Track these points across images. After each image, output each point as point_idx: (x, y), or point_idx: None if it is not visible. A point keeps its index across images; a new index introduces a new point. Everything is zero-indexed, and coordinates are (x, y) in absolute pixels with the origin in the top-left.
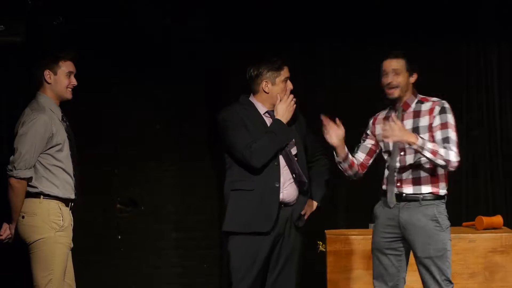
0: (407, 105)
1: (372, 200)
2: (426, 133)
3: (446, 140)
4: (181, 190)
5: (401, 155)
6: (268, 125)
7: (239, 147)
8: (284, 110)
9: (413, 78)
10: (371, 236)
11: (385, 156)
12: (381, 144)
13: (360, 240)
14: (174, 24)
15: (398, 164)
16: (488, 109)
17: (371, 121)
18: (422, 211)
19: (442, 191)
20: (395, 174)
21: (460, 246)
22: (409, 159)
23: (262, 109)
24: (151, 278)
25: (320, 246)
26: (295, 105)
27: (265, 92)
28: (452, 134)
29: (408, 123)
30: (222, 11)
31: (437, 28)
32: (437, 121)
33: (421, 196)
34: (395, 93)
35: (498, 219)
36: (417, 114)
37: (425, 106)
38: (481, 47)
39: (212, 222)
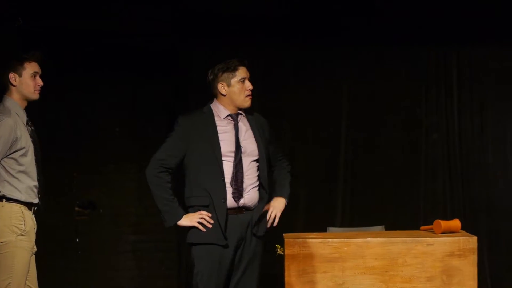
0: None
1: (330, 203)
2: None
3: None
4: (140, 193)
5: None
6: (220, 132)
7: (156, 155)
8: (187, 222)
9: None
10: (329, 239)
11: None
12: None
13: (318, 243)
14: (135, 25)
15: None
16: (447, 113)
17: None
18: None
19: None
20: None
21: (418, 250)
22: None
23: (224, 113)
24: (109, 281)
25: (278, 250)
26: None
27: (222, 94)
28: None
29: None
30: (186, 12)
31: (398, 32)
32: None
33: None
34: None
35: (456, 223)
36: None
37: None
38: (441, 51)
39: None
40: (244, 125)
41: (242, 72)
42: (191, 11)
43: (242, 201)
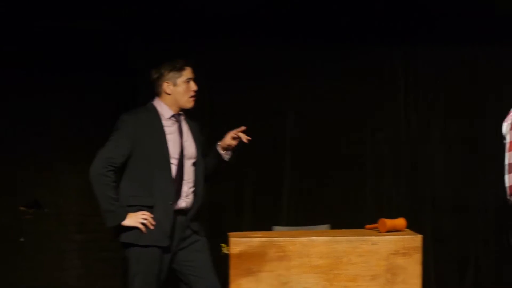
0: None
1: (275, 202)
2: None
3: None
4: (86, 192)
5: None
6: (167, 133)
7: (103, 153)
8: (131, 222)
9: None
10: (275, 238)
11: None
12: None
13: (263, 242)
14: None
15: None
16: (393, 111)
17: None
18: None
19: None
20: None
21: (362, 249)
22: None
23: (168, 112)
24: (55, 280)
25: (223, 249)
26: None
27: (167, 93)
28: None
29: None
30: (133, 12)
31: (347, 31)
32: None
33: None
34: None
35: (401, 221)
36: None
37: None
38: (387, 50)
39: None
40: (184, 126)
41: (188, 72)
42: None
43: (182, 204)
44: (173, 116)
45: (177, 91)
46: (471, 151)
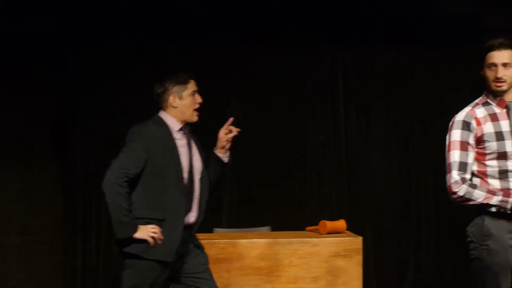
0: None
1: (216, 205)
2: None
3: None
4: (27, 194)
5: None
6: (179, 147)
7: (120, 163)
8: (142, 235)
9: None
10: (215, 240)
11: (493, 161)
12: (492, 145)
13: (205, 244)
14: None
15: None
16: (334, 114)
17: (473, 122)
18: None
19: None
20: None
21: (303, 250)
22: None
23: (176, 125)
24: None
25: None
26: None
27: (174, 107)
28: None
29: None
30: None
31: (284, 32)
32: None
33: None
34: (504, 86)
35: (341, 223)
36: None
37: None
38: (326, 52)
39: (57, 227)
40: (191, 140)
41: (192, 85)
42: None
43: (191, 219)
44: (181, 129)
45: (183, 104)
46: (409, 151)
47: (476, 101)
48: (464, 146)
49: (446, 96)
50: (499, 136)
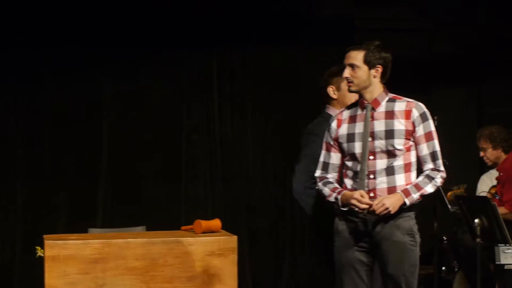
0: (377, 103)
1: (91, 204)
2: (402, 139)
3: (434, 155)
4: None
5: (370, 159)
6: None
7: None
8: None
9: (376, 72)
10: (90, 240)
11: (349, 162)
12: (344, 146)
13: (79, 244)
14: None
15: (367, 170)
16: (208, 114)
17: (334, 124)
18: (399, 224)
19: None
20: (365, 181)
21: (179, 250)
22: (381, 164)
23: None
24: None
25: (39, 252)
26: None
27: (333, 98)
28: (437, 145)
29: (380, 125)
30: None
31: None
32: (420, 131)
33: None
34: (352, 87)
35: (216, 222)
36: (389, 115)
37: (399, 106)
38: (200, 53)
39: None
40: None
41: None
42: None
43: None
44: None
45: (341, 94)
46: (283, 151)
47: (354, 102)
48: (326, 146)
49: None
50: (350, 137)
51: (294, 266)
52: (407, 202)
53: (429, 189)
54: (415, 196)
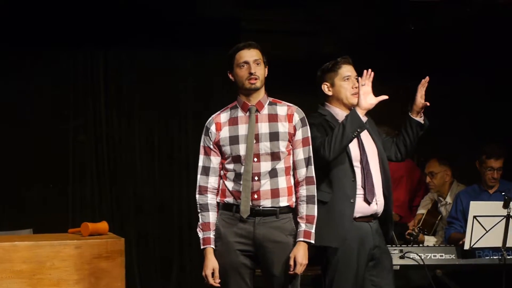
0: (261, 106)
1: None
2: (286, 141)
3: (308, 160)
4: None
5: (254, 161)
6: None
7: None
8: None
9: (266, 72)
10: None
11: (230, 164)
12: (227, 149)
13: None
14: None
15: (251, 173)
16: (95, 115)
17: (212, 127)
18: (280, 226)
19: (294, 203)
20: (249, 184)
21: (66, 253)
22: (265, 166)
23: (340, 115)
24: None
25: None
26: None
27: (329, 94)
28: (312, 151)
29: (264, 127)
30: None
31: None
32: (299, 135)
33: (278, 209)
34: (258, 83)
35: (103, 225)
36: (273, 118)
37: (281, 110)
38: (87, 52)
39: None
40: None
41: (345, 70)
42: None
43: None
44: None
45: (336, 90)
46: (169, 150)
47: (229, 105)
48: (205, 151)
49: (214, 96)
50: (234, 140)
51: (182, 268)
52: (312, 241)
53: (316, 211)
54: (313, 229)
